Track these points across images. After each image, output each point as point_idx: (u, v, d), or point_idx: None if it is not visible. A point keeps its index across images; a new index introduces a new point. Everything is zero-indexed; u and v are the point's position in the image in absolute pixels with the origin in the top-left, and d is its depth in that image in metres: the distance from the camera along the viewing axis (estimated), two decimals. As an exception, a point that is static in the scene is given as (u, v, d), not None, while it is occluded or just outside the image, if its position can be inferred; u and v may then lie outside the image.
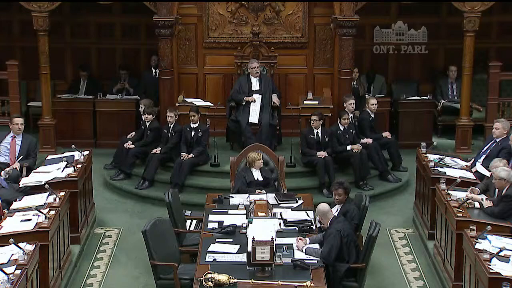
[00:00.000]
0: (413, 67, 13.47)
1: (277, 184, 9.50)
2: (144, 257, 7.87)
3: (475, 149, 11.40)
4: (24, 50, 12.78)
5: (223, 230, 7.88)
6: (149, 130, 11.16)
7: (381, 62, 13.38)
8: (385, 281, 8.53)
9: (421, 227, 9.65)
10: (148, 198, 10.57)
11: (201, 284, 6.63)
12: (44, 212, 7.85)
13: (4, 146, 9.91)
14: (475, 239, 7.32)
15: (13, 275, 6.51)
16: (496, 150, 9.56)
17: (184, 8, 11.68)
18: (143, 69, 13.19)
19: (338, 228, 7.46)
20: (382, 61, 13.39)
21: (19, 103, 12.04)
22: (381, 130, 11.58)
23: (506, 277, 6.57)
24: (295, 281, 6.74)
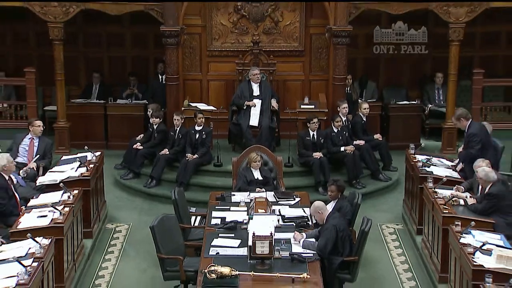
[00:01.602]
0: (402, 74, 13.47)
1: (276, 183, 9.49)
2: (152, 251, 7.86)
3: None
4: (41, 58, 12.79)
5: (225, 226, 7.88)
6: (157, 132, 11.17)
7: (373, 69, 13.38)
8: (376, 273, 8.54)
9: (409, 222, 9.65)
10: (156, 196, 10.57)
11: (205, 276, 6.62)
12: (59, 209, 7.86)
13: (23, 148, 9.95)
14: (460, 234, 7.32)
15: (30, 267, 6.51)
16: (466, 140, 9.53)
17: (189, 19, 11.67)
18: (151, 76, 13.19)
19: (334, 223, 7.45)
20: (373, 68, 13.39)
21: (36, 108, 12.09)
22: (373, 132, 11.58)
23: (489, 269, 6.57)
24: (292, 273, 6.73)
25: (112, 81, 13.18)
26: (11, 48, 13.47)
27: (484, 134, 9.37)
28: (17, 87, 12.71)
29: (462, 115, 9.39)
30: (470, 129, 9.35)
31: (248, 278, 6.69)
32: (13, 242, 7.22)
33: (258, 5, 11.76)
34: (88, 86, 13.01)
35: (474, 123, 9.53)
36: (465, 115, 9.40)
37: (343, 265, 7.50)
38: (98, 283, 8.31)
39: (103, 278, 8.42)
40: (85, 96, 12.78)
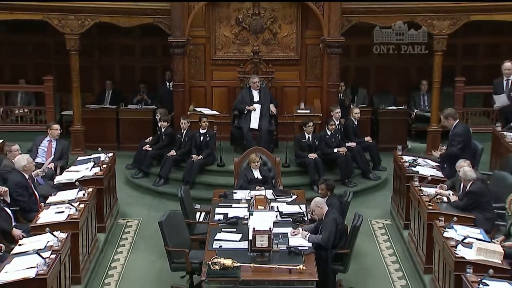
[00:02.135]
0: (390, 81, 13.47)
1: (274, 182, 9.49)
2: (160, 244, 7.86)
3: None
4: (58, 67, 12.76)
5: (227, 221, 7.88)
6: (164, 135, 11.16)
7: (364, 77, 13.37)
8: (367, 264, 8.55)
9: (397, 218, 9.65)
10: (164, 194, 10.56)
11: (209, 268, 6.62)
12: (75, 206, 7.88)
13: (42, 149, 9.95)
14: (443, 229, 7.34)
15: (48, 259, 6.54)
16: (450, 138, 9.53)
17: (194, 30, 11.66)
18: (159, 83, 13.17)
19: (334, 217, 7.48)
20: (364, 76, 13.38)
21: (53, 113, 12.07)
22: (364, 135, 11.55)
23: (470, 261, 6.59)
24: (289, 264, 6.75)
25: (123, 88, 13.16)
26: (31, 57, 13.45)
27: (467, 135, 9.37)
28: (37, 94, 12.69)
29: (450, 114, 9.37)
30: (456, 129, 9.33)
31: (248, 269, 6.70)
32: (33, 236, 7.25)
33: (258, 18, 11.75)
34: (102, 92, 13.00)
35: (460, 124, 9.52)
36: (453, 114, 9.40)
37: (337, 257, 7.51)
38: (111, 273, 8.33)
39: (115, 269, 8.43)
40: (98, 102, 12.77)
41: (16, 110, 12.66)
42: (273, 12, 11.75)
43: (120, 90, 13.08)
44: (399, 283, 8.14)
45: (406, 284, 8.11)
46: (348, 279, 7.93)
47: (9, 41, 13.34)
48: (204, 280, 6.61)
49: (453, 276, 6.73)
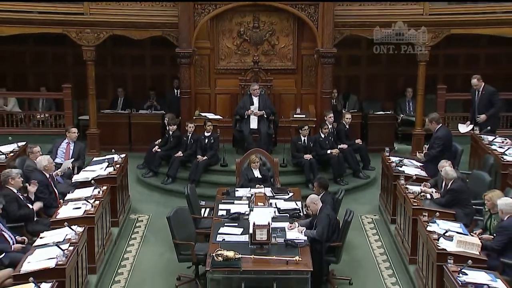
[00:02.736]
0: (379, 89, 13.48)
1: (272, 180, 9.49)
2: (168, 237, 7.87)
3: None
4: (76, 76, 12.77)
5: (230, 216, 7.88)
6: (172, 137, 11.16)
7: (354, 84, 13.38)
8: (357, 256, 8.55)
9: (385, 213, 9.65)
10: (171, 191, 10.55)
11: (213, 259, 6.64)
12: (91, 202, 7.88)
13: (61, 150, 9.96)
14: (426, 223, 7.34)
15: (67, 250, 6.56)
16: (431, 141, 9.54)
17: (199, 42, 11.67)
18: (168, 90, 13.17)
19: (327, 213, 7.49)
20: (355, 84, 13.39)
21: (71, 117, 12.09)
22: (354, 137, 11.54)
23: (450, 252, 6.61)
24: (286, 256, 6.76)
25: (135, 95, 13.17)
26: (52, 67, 13.48)
27: (448, 139, 9.39)
28: (56, 100, 12.69)
29: (434, 118, 9.45)
30: (438, 133, 9.36)
31: (249, 260, 6.71)
32: (53, 230, 7.26)
33: (258, 31, 11.76)
34: (115, 99, 13.01)
35: (442, 128, 9.54)
36: (437, 119, 9.46)
37: (330, 250, 7.51)
38: (123, 264, 8.34)
39: (127, 260, 8.44)
40: (112, 107, 12.77)
41: (38, 115, 12.67)
42: (272, 25, 11.77)
43: (132, 96, 13.09)
44: (386, 272, 8.14)
45: (393, 273, 8.11)
46: (340, 269, 7.93)
47: (33, 52, 13.41)
48: (209, 270, 6.63)
49: (436, 266, 6.73)
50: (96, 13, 11.30)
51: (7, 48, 12.85)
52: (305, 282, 6.59)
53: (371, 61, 13.16)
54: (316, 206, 7.62)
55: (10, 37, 11.68)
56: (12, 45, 12.58)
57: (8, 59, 13.28)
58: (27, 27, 11.39)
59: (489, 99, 10.67)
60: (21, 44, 12.90)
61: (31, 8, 11.31)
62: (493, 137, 10.15)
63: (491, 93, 10.73)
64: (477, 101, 10.74)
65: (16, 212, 7.66)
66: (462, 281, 6.04)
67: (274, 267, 6.66)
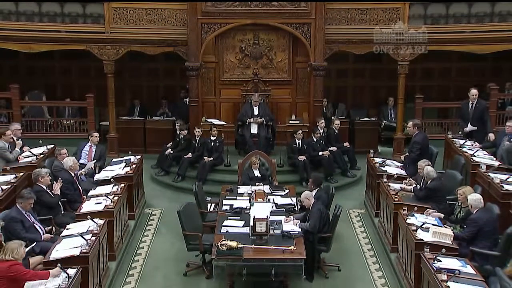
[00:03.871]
0: (364, 98, 13.48)
1: (270, 179, 9.50)
2: (178, 229, 7.87)
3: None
4: (98, 87, 12.76)
5: (233, 211, 7.90)
6: (183, 140, 11.17)
7: (343, 94, 13.39)
8: (345, 245, 8.56)
9: (370, 208, 9.65)
10: (181, 189, 10.53)
11: (218, 248, 6.65)
12: (110, 198, 7.89)
13: (84, 152, 9.95)
14: (406, 216, 7.36)
15: (90, 240, 6.59)
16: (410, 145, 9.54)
17: (206, 57, 11.68)
18: (178, 99, 13.18)
19: (318, 208, 7.50)
20: (343, 94, 13.40)
21: (94, 123, 12.09)
22: (343, 141, 11.53)
23: (427, 242, 6.63)
24: (283, 246, 6.77)
25: (149, 103, 13.18)
26: (76, 79, 13.50)
27: (425, 143, 9.42)
28: (81, 108, 12.70)
29: (417, 124, 9.55)
30: (416, 138, 9.38)
31: (250, 249, 6.73)
32: (77, 222, 7.28)
33: (258, 47, 11.77)
34: (132, 107, 13.01)
35: (420, 133, 9.56)
36: (419, 125, 9.52)
37: (321, 240, 7.53)
38: (139, 252, 8.35)
39: (142, 249, 8.45)
40: (129, 114, 12.76)
41: (64, 121, 12.67)
42: (270, 42, 11.77)
43: (147, 104, 13.10)
44: (370, 260, 8.16)
45: (376, 260, 8.12)
46: (330, 257, 7.95)
47: (60, 66, 13.43)
48: (214, 258, 6.64)
49: (414, 254, 6.75)
50: (115, 32, 11.32)
51: (38, 63, 12.89)
52: (299, 268, 6.61)
53: (357, 74, 13.25)
54: (309, 202, 7.64)
55: (41, 54, 11.74)
56: (44, 60, 12.62)
57: (38, 73, 13.29)
58: (56, 44, 11.43)
59: (480, 116, 10.13)
60: (50, 59, 12.94)
61: (59, 28, 11.35)
62: (464, 140, 10.16)
63: (483, 109, 10.17)
64: (471, 113, 10.20)
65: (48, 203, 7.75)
66: (437, 267, 6.06)
67: (272, 256, 6.67)
